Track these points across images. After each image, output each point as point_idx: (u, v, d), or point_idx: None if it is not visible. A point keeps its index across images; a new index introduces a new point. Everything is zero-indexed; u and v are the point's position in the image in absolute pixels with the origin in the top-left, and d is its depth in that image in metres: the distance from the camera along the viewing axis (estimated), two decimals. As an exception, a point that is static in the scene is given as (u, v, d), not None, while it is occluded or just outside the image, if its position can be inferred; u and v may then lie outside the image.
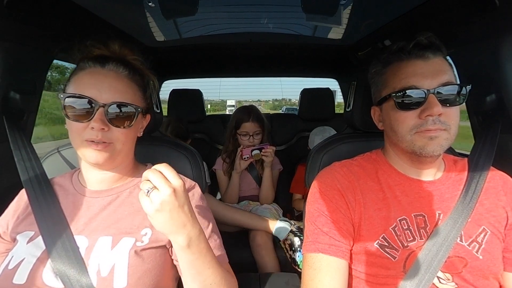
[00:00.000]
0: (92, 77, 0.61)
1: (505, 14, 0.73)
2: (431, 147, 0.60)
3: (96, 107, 0.58)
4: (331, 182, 0.69)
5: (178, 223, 0.51)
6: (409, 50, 0.63)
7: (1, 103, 0.78)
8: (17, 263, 0.56)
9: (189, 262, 0.56)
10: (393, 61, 0.65)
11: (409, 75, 0.61)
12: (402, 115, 0.62)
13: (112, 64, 0.63)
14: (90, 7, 0.91)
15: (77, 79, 0.61)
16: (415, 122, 0.61)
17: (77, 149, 0.61)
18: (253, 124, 1.55)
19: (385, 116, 0.68)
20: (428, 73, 0.60)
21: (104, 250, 0.58)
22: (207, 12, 1.11)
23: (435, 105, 0.58)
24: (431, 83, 0.60)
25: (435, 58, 0.62)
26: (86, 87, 0.59)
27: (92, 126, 0.58)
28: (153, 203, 0.48)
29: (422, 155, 0.61)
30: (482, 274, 0.60)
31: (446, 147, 0.61)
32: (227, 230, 1.38)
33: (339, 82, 2.27)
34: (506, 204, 0.65)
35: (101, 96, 0.59)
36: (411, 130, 0.61)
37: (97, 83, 0.60)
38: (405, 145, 0.63)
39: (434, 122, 0.59)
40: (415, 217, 0.64)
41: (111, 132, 0.60)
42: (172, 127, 1.66)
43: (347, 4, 1.00)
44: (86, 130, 0.58)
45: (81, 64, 0.63)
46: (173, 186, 0.50)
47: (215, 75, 2.52)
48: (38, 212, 0.62)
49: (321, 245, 0.63)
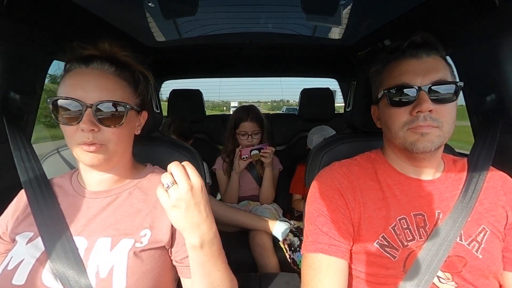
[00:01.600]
0: (77, 77, 0.59)
1: (505, 14, 0.73)
2: (422, 144, 0.60)
3: (84, 108, 0.56)
4: (330, 182, 0.69)
5: (193, 222, 0.52)
6: (403, 49, 0.65)
7: (1, 104, 0.78)
8: (17, 263, 0.55)
9: (200, 262, 0.56)
10: (390, 60, 0.67)
11: (402, 73, 0.63)
12: (395, 111, 0.64)
13: (96, 63, 0.61)
14: (90, 7, 0.91)
15: (63, 81, 0.60)
16: (407, 119, 0.62)
17: (73, 152, 0.60)
18: (252, 124, 1.55)
19: (381, 113, 0.70)
20: (419, 71, 0.62)
21: (103, 251, 0.57)
22: (207, 12, 1.11)
23: (425, 101, 0.59)
24: (423, 80, 0.61)
25: (429, 57, 0.63)
26: (72, 89, 0.58)
27: (82, 128, 0.56)
28: (170, 199, 0.50)
29: (413, 151, 0.62)
30: (482, 274, 0.60)
31: (439, 144, 0.61)
32: (227, 230, 1.38)
33: (339, 82, 2.27)
34: (505, 204, 0.65)
35: (88, 96, 0.57)
36: (403, 127, 0.62)
37: (82, 83, 0.58)
38: (398, 141, 0.64)
39: (425, 118, 0.60)
40: (414, 216, 0.64)
41: (102, 133, 0.59)
42: (175, 126, 1.66)
43: (347, 4, 1.00)
44: (77, 132, 0.57)
45: (67, 67, 0.62)
46: (192, 183, 0.51)
47: (215, 75, 2.52)
48: (38, 213, 0.61)
49: (321, 245, 0.63)
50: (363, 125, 0.88)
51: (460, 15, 0.84)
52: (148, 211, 0.64)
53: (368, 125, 0.86)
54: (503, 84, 0.81)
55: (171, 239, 0.63)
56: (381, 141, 0.76)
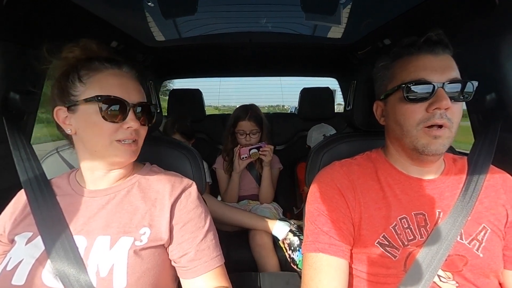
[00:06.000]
0: (117, 78, 0.63)
1: (505, 13, 0.73)
2: (434, 146, 0.60)
3: (129, 108, 0.61)
4: (330, 182, 0.69)
5: None
6: (419, 45, 0.63)
7: (1, 104, 0.78)
8: (16, 264, 0.55)
9: None
10: (402, 55, 0.65)
11: (418, 69, 0.62)
12: (409, 108, 0.62)
13: (126, 67, 0.66)
14: (90, 7, 0.91)
15: (99, 80, 0.61)
16: (422, 116, 0.61)
17: (103, 151, 0.61)
18: (250, 123, 1.54)
19: (390, 109, 0.68)
20: (437, 68, 0.61)
21: (103, 249, 0.57)
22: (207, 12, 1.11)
23: (444, 98, 0.58)
24: (440, 77, 0.60)
25: (444, 55, 0.62)
26: (114, 88, 0.61)
27: (129, 126, 0.61)
28: None
29: (424, 153, 0.61)
30: (483, 272, 0.60)
31: (448, 146, 0.61)
32: (227, 229, 1.38)
33: (339, 81, 2.27)
34: (506, 202, 0.65)
35: (129, 97, 0.62)
36: (417, 125, 0.61)
37: (123, 84, 0.63)
38: (409, 140, 0.63)
39: (441, 116, 0.59)
40: (415, 215, 0.64)
41: (138, 131, 0.64)
42: (179, 125, 1.66)
43: (346, 3, 1.00)
44: (119, 130, 0.61)
45: (92, 65, 0.62)
46: None
47: (215, 75, 2.52)
48: (37, 212, 0.61)
49: (321, 245, 0.63)
50: (364, 124, 0.88)
51: (460, 14, 0.84)
52: (147, 209, 0.64)
53: (368, 124, 0.86)
54: (503, 83, 0.81)
55: (169, 237, 0.63)
56: (381, 140, 0.76)
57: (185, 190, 0.69)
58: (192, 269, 0.63)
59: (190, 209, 0.66)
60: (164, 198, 0.65)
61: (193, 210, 0.67)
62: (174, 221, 0.64)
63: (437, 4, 0.86)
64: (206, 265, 0.63)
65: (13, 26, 0.76)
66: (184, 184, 0.69)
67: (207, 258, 0.64)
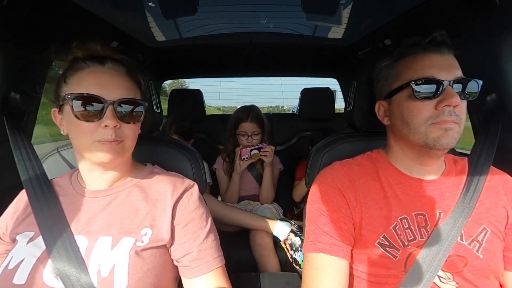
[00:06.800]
0: (95, 76, 0.60)
1: (506, 13, 0.73)
2: (445, 139, 0.59)
3: (106, 105, 0.57)
4: (331, 182, 0.69)
5: None
6: (425, 44, 0.63)
7: (1, 104, 0.78)
8: (17, 263, 0.55)
9: None
10: (406, 55, 0.66)
11: (425, 67, 0.62)
12: (417, 105, 0.62)
13: (111, 63, 0.63)
14: (90, 7, 0.91)
15: (79, 78, 0.60)
16: (431, 113, 0.60)
17: (86, 151, 0.60)
18: (252, 125, 1.54)
19: (396, 108, 0.67)
20: (444, 66, 0.61)
21: (104, 250, 0.58)
22: (207, 12, 1.11)
23: (454, 95, 0.58)
24: (448, 75, 0.60)
25: (449, 54, 0.63)
26: (91, 86, 0.58)
27: (106, 124, 0.57)
28: None
29: (435, 147, 0.60)
30: (483, 273, 0.60)
31: (457, 140, 0.61)
32: (228, 230, 1.38)
33: (339, 81, 2.27)
34: (506, 203, 0.65)
35: (108, 94, 0.58)
36: (426, 122, 0.61)
37: (101, 82, 0.59)
38: (418, 137, 0.62)
39: (450, 113, 0.59)
40: (415, 216, 0.64)
41: (121, 130, 0.60)
42: (176, 126, 1.66)
43: (347, 3, 1.00)
44: (98, 130, 0.58)
45: (76, 65, 0.62)
46: None
47: (215, 75, 2.51)
48: (38, 212, 0.61)
49: (321, 245, 0.63)
50: (364, 125, 0.88)
51: (461, 15, 0.84)
52: (148, 210, 0.64)
53: (369, 125, 0.86)
54: (503, 83, 0.81)
55: (171, 237, 0.63)
56: (381, 140, 0.76)
57: (186, 190, 0.69)
58: (194, 268, 0.63)
59: (192, 209, 0.66)
60: (165, 198, 0.65)
61: (194, 210, 0.67)
62: (176, 221, 0.64)
63: (437, 5, 0.86)
64: (209, 265, 0.64)
65: (14, 26, 0.76)
66: (185, 185, 0.69)
67: (209, 258, 0.64)
